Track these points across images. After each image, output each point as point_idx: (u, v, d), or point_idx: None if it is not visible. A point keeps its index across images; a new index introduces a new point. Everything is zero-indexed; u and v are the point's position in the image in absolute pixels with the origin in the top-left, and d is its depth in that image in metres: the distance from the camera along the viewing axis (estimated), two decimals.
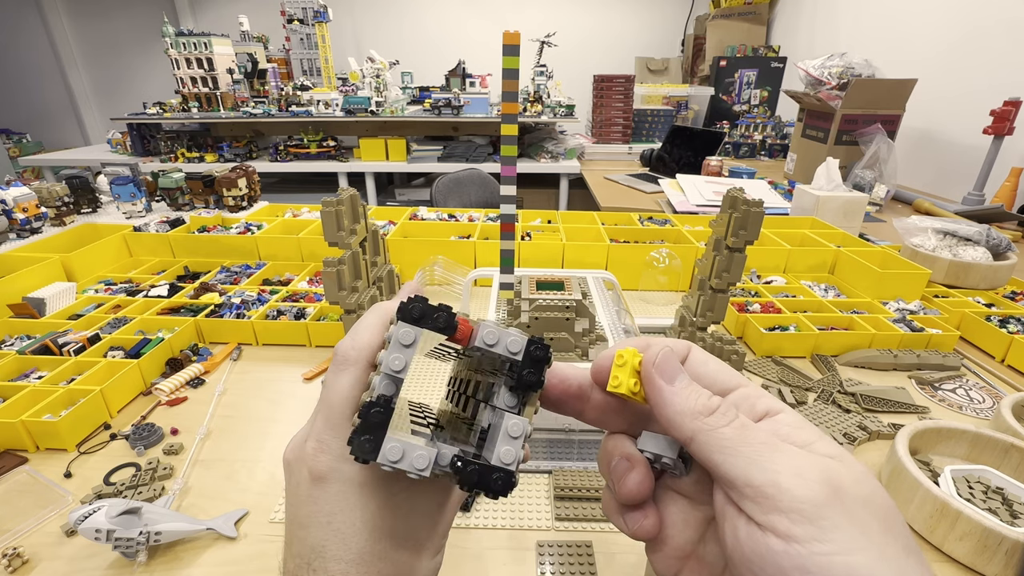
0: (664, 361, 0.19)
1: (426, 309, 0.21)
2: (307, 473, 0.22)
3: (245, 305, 0.88)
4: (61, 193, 1.27)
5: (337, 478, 0.22)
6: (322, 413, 0.23)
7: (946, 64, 1.87)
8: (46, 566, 0.48)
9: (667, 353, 0.20)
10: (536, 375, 0.21)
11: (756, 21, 3.06)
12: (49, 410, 0.62)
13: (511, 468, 0.20)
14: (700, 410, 0.18)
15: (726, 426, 0.17)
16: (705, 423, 0.18)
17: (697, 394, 0.19)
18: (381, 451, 0.19)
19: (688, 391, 0.19)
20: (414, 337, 0.20)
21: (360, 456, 0.19)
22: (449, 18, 3.61)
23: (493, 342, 0.21)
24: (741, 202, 0.64)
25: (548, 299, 0.64)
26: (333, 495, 0.22)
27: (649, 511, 0.20)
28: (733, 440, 0.17)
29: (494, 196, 2.23)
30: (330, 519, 0.22)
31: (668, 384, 0.19)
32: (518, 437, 0.20)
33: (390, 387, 0.20)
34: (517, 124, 0.57)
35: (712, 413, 0.18)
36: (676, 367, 0.19)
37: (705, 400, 0.18)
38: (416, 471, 0.19)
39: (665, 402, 0.19)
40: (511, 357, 0.21)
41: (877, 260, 1.00)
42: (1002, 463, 0.58)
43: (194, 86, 2.56)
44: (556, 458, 0.61)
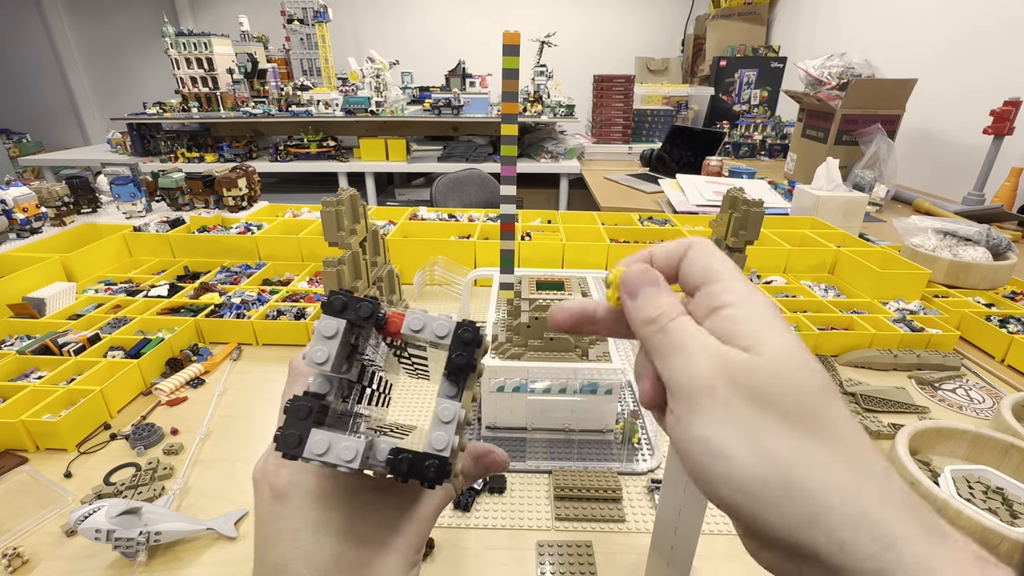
0: (631, 280, 0.22)
1: (349, 300, 0.20)
2: (269, 491, 0.22)
3: (245, 305, 0.88)
4: (61, 193, 1.27)
5: (297, 493, 0.22)
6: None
7: (946, 64, 1.87)
8: (46, 566, 0.48)
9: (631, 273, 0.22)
10: (466, 357, 0.21)
11: (756, 21, 3.06)
12: (49, 410, 0.62)
13: (443, 454, 0.20)
14: (643, 320, 0.21)
15: (657, 333, 0.20)
16: (644, 333, 0.21)
17: (647, 306, 0.21)
18: (306, 444, 0.19)
19: (641, 304, 0.21)
20: (336, 329, 0.20)
21: (285, 451, 0.19)
22: (449, 18, 3.61)
23: (419, 327, 0.21)
24: (741, 202, 0.64)
25: (548, 299, 0.63)
26: (294, 511, 0.22)
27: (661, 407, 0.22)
28: (657, 345, 0.20)
29: (494, 196, 2.23)
30: (293, 536, 0.22)
31: (630, 299, 0.22)
32: (449, 422, 0.20)
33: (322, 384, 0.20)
34: (517, 124, 0.57)
35: (652, 323, 0.20)
36: (637, 285, 0.22)
37: (651, 311, 0.21)
38: (344, 463, 0.19)
39: (628, 317, 0.22)
40: (439, 341, 0.21)
41: (877, 260, 1.00)
42: (1002, 463, 0.58)
43: (194, 86, 2.56)
44: (556, 458, 0.61)
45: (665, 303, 0.21)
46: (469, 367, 0.21)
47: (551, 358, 0.62)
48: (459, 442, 0.20)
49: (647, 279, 0.22)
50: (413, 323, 0.21)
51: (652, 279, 0.22)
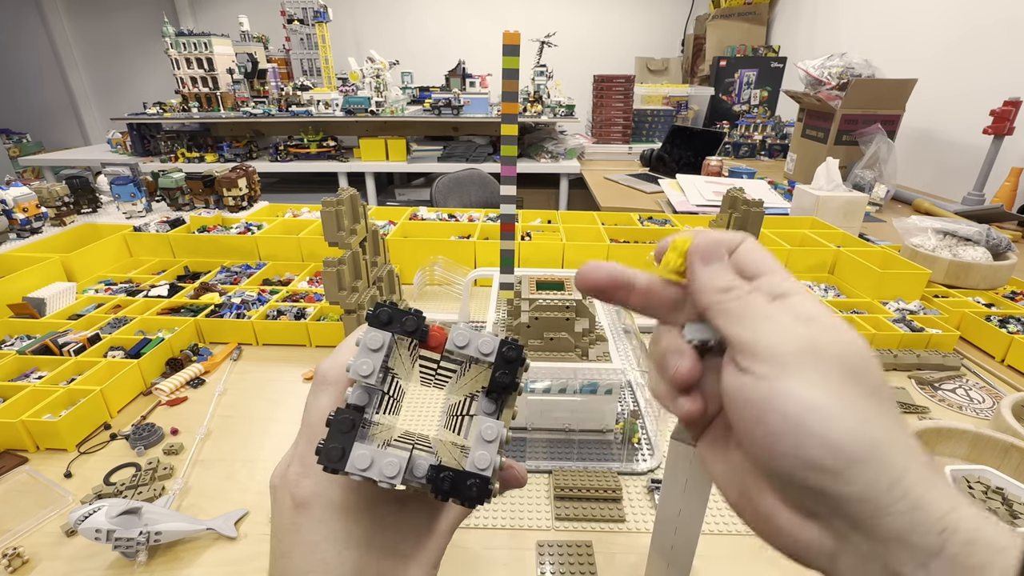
0: (706, 248, 0.22)
1: (394, 313, 0.20)
2: (290, 500, 0.22)
3: (245, 305, 0.88)
4: (61, 193, 1.27)
5: (320, 503, 0.22)
6: (304, 435, 0.23)
7: (946, 64, 1.87)
8: (46, 566, 0.48)
9: (711, 242, 0.22)
10: (509, 376, 0.20)
11: (756, 21, 3.06)
12: (49, 410, 0.62)
13: (486, 474, 0.19)
14: (719, 287, 0.21)
15: (734, 300, 0.21)
16: (719, 298, 0.21)
17: (722, 276, 0.21)
18: (349, 458, 0.19)
19: (715, 272, 0.22)
20: (382, 342, 0.20)
21: (327, 464, 0.19)
22: (449, 18, 3.61)
23: (464, 343, 0.21)
24: (741, 202, 0.64)
25: (548, 299, 0.64)
26: (317, 522, 0.21)
27: (696, 395, 0.23)
28: (735, 310, 0.20)
29: (494, 196, 2.23)
30: (314, 548, 0.21)
31: (704, 266, 0.22)
32: (492, 441, 0.20)
33: (362, 396, 0.20)
34: (517, 124, 0.57)
35: (728, 291, 0.21)
36: (715, 254, 0.22)
37: (726, 281, 0.21)
38: (387, 479, 0.19)
39: (695, 278, 0.22)
40: (483, 359, 0.20)
41: (877, 260, 1.00)
42: (1002, 463, 0.58)
43: (194, 86, 2.56)
44: (556, 458, 0.61)
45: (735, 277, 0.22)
46: (512, 386, 0.21)
47: (551, 358, 0.62)
48: (500, 461, 0.20)
49: (720, 250, 0.22)
50: (458, 339, 0.21)
51: (722, 252, 0.22)
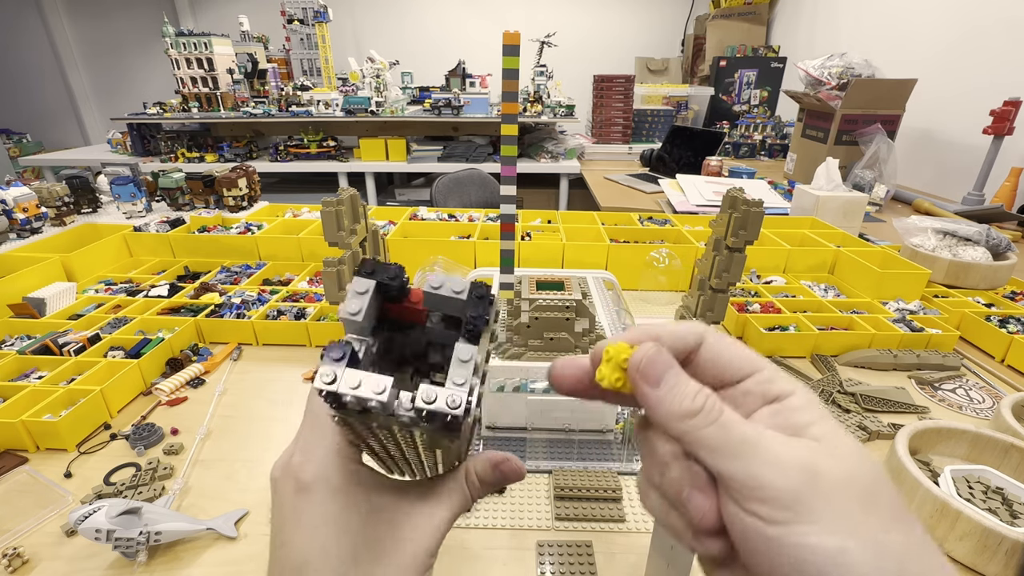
0: (648, 365, 0.19)
1: (378, 266, 0.22)
2: (292, 485, 0.22)
3: (245, 305, 0.88)
4: (61, 193, 1.27)
5: (321, 487, 0.22)
6: (307, 422, 0.23)
7: (946, 64, 1.87)
8: (46, 566, 0.48)
9: (651, 357, 0.19)
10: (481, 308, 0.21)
11: (756, 21, 3.06)
12: (49, 410, 0.62)
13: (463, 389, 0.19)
14: (684, 413, 0.18)
15: (710, 426, 0.18)
16: (690, 425, 0.18)
17: (682, 396, 0.19)
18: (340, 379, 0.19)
19: (672, 394, 0.19)
20: (367, 286, 0.21)
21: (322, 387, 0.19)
22: (449, 18, 3.61)
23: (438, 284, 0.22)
24: (741, 202, 0.64)
25: (548, 299, 0.64)
26: (317, 503, 0.22)
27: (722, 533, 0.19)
28: (714, 441, 0.18)
29: (494, 196, 2.23)
30: (313, 533, 0.21)
31: (652, 389, 0.19)
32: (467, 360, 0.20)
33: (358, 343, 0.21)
34: (517, 124, 0.57)
35: (696, 415, 0.18)
36: (660, 369, 0.19)
37: (689, 402, 0.19)
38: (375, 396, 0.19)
39: (651, 407, 0.19)
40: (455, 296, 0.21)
41: (877, 260, 1.00)
42: (1002, 463, 0.58)
43: (194, 86, 2.56)
44: (556, 458, 0.61)
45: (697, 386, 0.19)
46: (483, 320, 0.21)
47: (551, 358, 0.62)
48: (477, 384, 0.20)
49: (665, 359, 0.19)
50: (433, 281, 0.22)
51: (668, 360, 0.20)
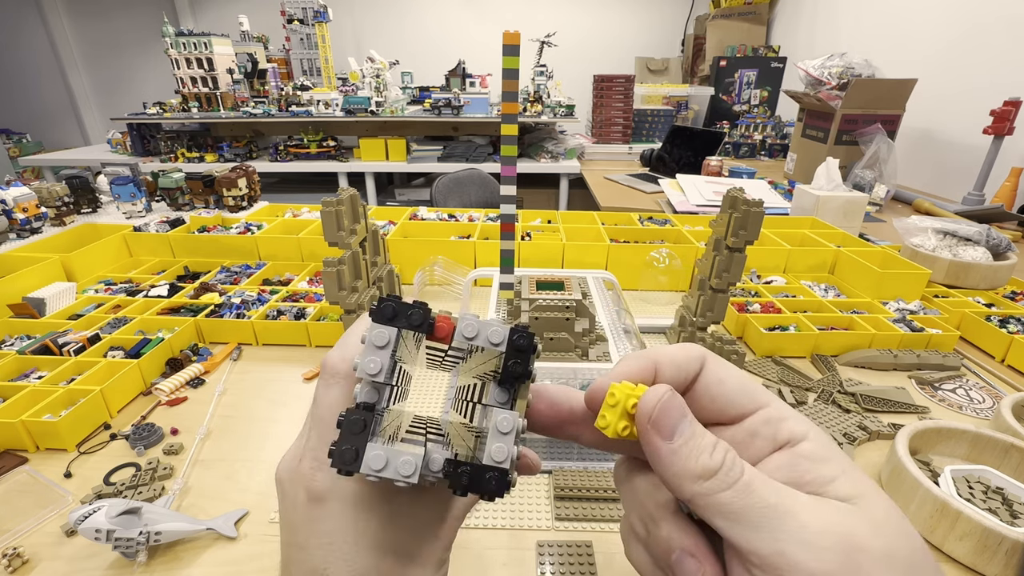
0: (662, 414, 0.17)
1: (399, 307, 0.20)
2: (304, 493, 0.22)
3: (245, 305, 0.88)
4: (61, 193, 1.27)
5: (336, 496, 0.21)
6: (315, 429, 0.23)
7: (946, 64, 1.87)
8: (46, 566, 0.48)
9: (666, 404, 0.17)
10: (522, 365, 0.20)
11: (756, 21, 3.06)
12: (49, 410, 0.62)
13: (503, 466, 0.18)
14: (699, 473, 0.16)
15: (727, 490, 0.16)
16: (704, 488, 0.16)
17: (698, 452, 0.16)
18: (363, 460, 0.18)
19: (687, 449, 0.17)
20: (388, 338, 0.19)
21: (341, 467, 0.18)
22: (449, 18, 3.61)
23: (472, 335, 0.20)
24: (741, 202, 0.64)
25: (548, 299, 0.64)
26: (333, 514, 0.21)
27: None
28: (734, 506, 0.16)
29: (494, 196, 2.23)
30: (331, 539, 0.21)
31: (666, 441, 0.17)
32: (508, 432, 0.19)
33: (371, 394, 0.19)
34: (517, 124, 0.57)
35: (714, 475, 0.16)
36: (675, 419, 0.17)
37: (706, 460, 0.16)
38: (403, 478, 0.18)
39: (662, 463, 0.17)
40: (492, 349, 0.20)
41: (877, 260, 1.00)
42: (1002, 463, 0.58)
43: (194, 86, 2.56)
44: (556, 458, 0.61)
45: (713, 439, 0.17)
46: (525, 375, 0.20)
47: (551, 358, 0.62)
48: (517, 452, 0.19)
49: (678, 408, 0.17)
50: (467, 330, 0.20)
51: (682, 408, 0.17)
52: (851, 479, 0.16)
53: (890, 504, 0.16)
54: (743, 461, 0.16)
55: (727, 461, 0.16)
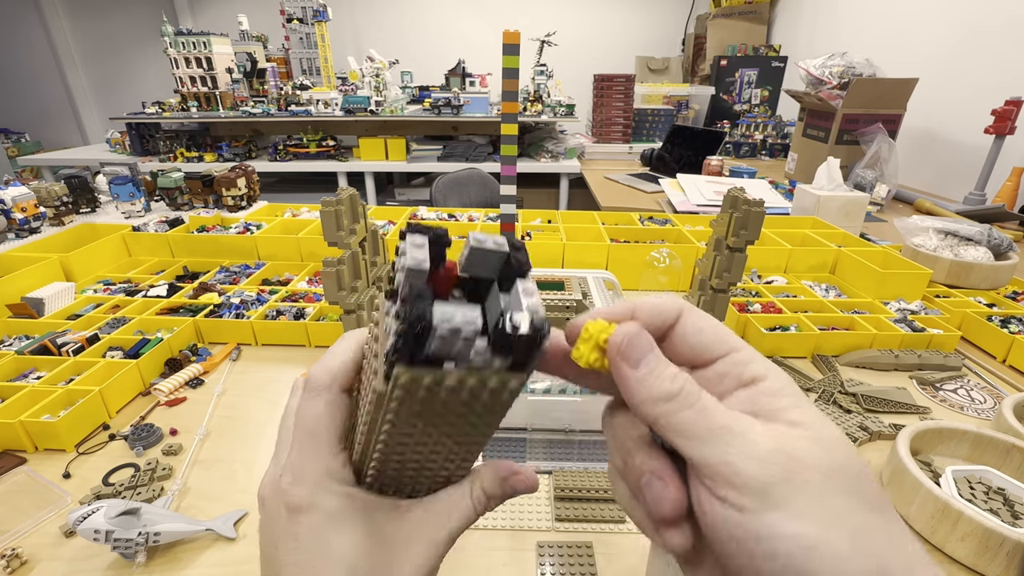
0: (629, 346, 0.19)
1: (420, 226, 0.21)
2: (284, 510, 0.21)
3: (244, 305, 0.88)
4: (60, 193, 1.27)
5: (316, 510, 0.21)
6: (297, 442, 0.22)
7: (947, 63, 1.87)
8: (45, 567, 0.48)
9: (632, 338, 0.19)
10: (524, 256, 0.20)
11: (757, 20, 3.06)
12: (48, 410, 0.62)
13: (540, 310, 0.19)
14: (661, 396, 0.18)
15: (687, 410, 0.18)
16: (665, 409, 0.18)
17: (660, 378, 0.18)
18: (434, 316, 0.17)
19: (651, 377, 0.18)
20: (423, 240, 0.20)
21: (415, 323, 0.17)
22: (449, 18, 3.61)
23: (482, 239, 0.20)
24: (742, 202, 0.64)
25: (548, 299, 0.63)
26: (313, 528, 0.21)
27: (685, 525, 0.19)
28: (689, 426, 0.17)
29: (494, 196, 2.23)
30: (312, 556, 0.21)
31: (632, 370, 0.19)
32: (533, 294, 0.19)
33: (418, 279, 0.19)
34: (517, 124, 0.57)
35: (674, 398, 0.18)
36: (641, 351, 0.19)
37: (668, 385, 0.18)
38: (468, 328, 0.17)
39: (630, 389, 0.19)
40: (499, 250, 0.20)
41: (878, 260, 0.99)
42: (1003, 464, 0.58)
43: (193, 85, 2.56)
44: (556, 458, 0.61)
45: (675, 369, 0.19)
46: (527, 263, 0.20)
47: None
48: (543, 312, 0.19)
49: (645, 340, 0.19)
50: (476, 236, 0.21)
51: (649, 341, 0.19)
52: (802, 410, 0.18)
53: (837, 433, 0.17)
54: (703, 390, 0.18)
55: (686, 387, 0.18)
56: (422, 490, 0.25)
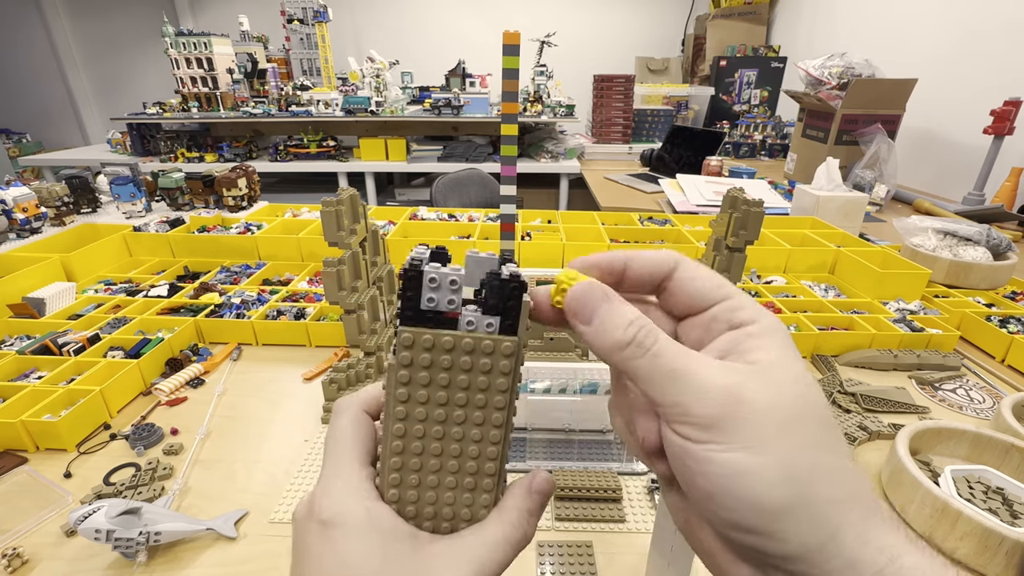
0: (578, 305, 0.20)
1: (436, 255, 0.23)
2: (315, 524, 0.21)
3: (245, 305, 0.88)
4: (61, 193, 1.27)
5: (343, 521, 0.21)
6: (325, 459, 0.23)
7: (946, 64, 1.87)
8: (46, 566, 0.48)
9: (580, 296, 0.20)
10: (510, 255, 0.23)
11: (756, 21, 3.06)
12: (49, 410, 0.62)
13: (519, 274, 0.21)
14: (614, 346, 0.19)
15: (640, 358, 0.19)
16: (621, 356, 0.19)
17: (613, 329, 0.19)
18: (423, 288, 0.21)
19: (603, 329, 0.20)
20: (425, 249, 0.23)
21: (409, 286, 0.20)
22: (449, 18, 3.61)
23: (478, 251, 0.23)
24: (741, 202, 0.64)
25: None
26: (340, 538, 0.21)
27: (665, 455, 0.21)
28: (646, 370, 0.19)
29: (494, 196, 2.23)
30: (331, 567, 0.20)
31: (585, 326, 0.20)
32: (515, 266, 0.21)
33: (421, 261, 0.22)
34: (517, 124, 0.57)
35: (627, 347, 0.19)
36: (592, 306, 0.20)
37: (619, 335, 0.19)
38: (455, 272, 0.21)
39: (587, 342, 0.20)
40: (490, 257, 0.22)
41: (877, 260, 1.00)
42: (1002, 463, 0.58)
43: (194, 86, 2.56)
44: (556, 458, 0.61)
45: (631, 316, 0.20)
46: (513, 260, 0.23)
47: (551, 358, 0.62)
48: None
49: (596, 295, 0.20)
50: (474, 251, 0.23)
51: (600, 294, 0.20)
52: (768, 351, 0.19)
53: (793, 374, 0.18)
54: (659, 336, 0.19)
55: (639, 336, 0.19)
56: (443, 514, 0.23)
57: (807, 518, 0.17)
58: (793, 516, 0.17)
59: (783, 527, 0.17)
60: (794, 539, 0.17)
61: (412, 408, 0.22)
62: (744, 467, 0.17)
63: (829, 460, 0.18)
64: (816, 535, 0.17)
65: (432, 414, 0.22)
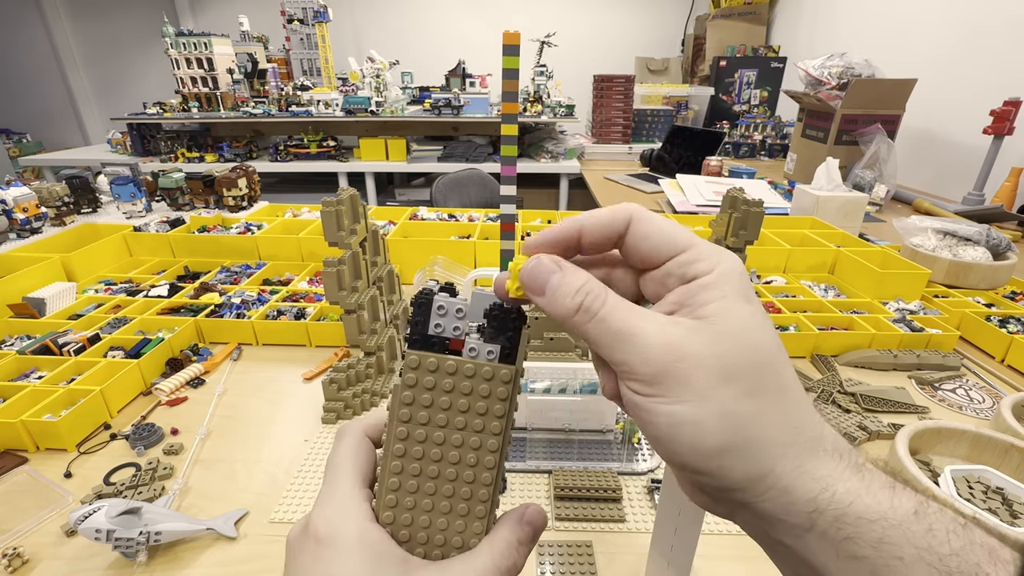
0: (529, 278, 0.22)
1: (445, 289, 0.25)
2: (310, 543, 0.22)
3: (245, 305, 0.88)
4: (61, 193, 1.27)
5: (336, 541, 0.21)
6: (324, 480, 0.24)
7: (946, 64, 1.87)
8: (46, 566, 0.48)
9: (530, 269, 0.22)
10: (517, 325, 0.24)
11: (756, 21, 3.06)
12: (49, 410, 0.62)
13: None
14: (566, 312, 0.21)
15: (588, 323, 0.20)
16: (574, 322, 0.21)
17: (563, 298, 0.21)
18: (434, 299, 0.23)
19: (555, 297, 0.21)
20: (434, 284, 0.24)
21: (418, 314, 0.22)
22: (449, 18, 3.61)
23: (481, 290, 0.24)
24: (741, 202, 0.64)
25: None
26: (333, 557, 0.21)
27: None
28: (595, 333, 0.20)
29: (494, 196, 2.23)
30: None
31: (539, 297, 0.21)
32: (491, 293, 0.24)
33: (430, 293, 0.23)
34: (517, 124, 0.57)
35: (576, 313, 0.20)
36: (542, 279, 0.21)
37: (568, 302, 0.21)
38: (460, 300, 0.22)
39: (544, 310, 0.22)
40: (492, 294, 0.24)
41: (877, 260, 1.00)
42: (1002, 463, 0.58)
43: (194, 86, 2.56)
44: (556, 458, 0.61)
45: (579, 284, 0.21)
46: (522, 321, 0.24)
47: (551, 358, 0.63)
48: None
49: (544, 268, 0.21)
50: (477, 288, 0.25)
51: (549, 266, 0.21)
52: (717, 304, 0.19)
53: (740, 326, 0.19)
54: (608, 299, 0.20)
55: (585, 302, 0.20)
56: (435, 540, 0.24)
57: (743, 457, 0.18)
58: (729, 457, 0.18)
59: (721, 465, 0.19)
60: (731, 475, 0.19)
61: (413, 429, 0.23)
62: (684, 417, 0.18)
63: (768, 404, 0.19)
64: (753, 471, 0.18)
65: (432, 435, 0.23)
